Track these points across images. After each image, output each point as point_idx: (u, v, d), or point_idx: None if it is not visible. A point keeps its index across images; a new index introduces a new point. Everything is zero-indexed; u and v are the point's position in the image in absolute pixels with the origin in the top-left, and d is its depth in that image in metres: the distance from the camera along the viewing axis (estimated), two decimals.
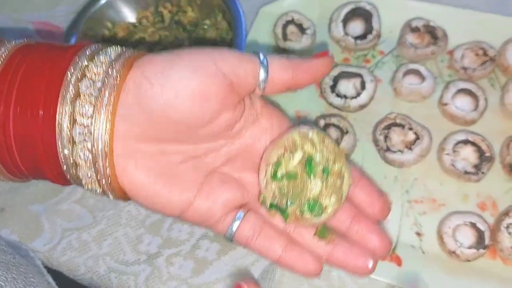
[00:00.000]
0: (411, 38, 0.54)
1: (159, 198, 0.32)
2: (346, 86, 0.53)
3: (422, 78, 0.51)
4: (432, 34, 0.54)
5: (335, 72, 0.53)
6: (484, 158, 0.47)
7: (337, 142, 0.36)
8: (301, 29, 0.57)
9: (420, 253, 0.46)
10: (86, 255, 0.50)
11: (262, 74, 0.32)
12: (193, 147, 0.33)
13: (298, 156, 0.33)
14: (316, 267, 0.34)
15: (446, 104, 0.50)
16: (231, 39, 0.60)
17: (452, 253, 0.44)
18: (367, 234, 0.35)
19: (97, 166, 0.30)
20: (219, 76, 0.31)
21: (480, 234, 0.44)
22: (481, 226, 0.44)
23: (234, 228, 0.34)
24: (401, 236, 0.46)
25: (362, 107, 0.52)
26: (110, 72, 0.30)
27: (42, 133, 0.30)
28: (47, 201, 0.53)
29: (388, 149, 0.49)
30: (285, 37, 0.57)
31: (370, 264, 0.34)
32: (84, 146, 0.30)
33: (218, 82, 0.31)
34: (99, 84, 0.30)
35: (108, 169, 0.31)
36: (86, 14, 0.62)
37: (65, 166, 0.31)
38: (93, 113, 0.29)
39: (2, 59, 0.31)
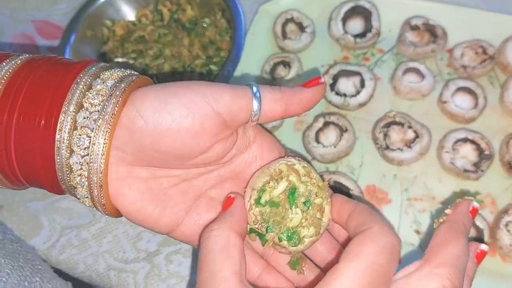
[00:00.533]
0: (410, 36, 0.54)
1: (150, 218, 0.34)
2: (346, 85, 0.53)
3: (422, 76, 0.51)
4: (432, 32, 0.54)
5: (334, 70, 0.53)
6: (483, 156, 0.47)
7: (321, 177, 0.37)
8: (301, 27, 0.57)
9: (419, 251, 0.46)
10: (86, 253, 0.50)
11: (255, 107, 0.33)
12: (184, 172, 0.35)
13: (282, 185, 0.34)
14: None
15: (445, 102, 0.50)
16: (230, 37, 0.60)
17: None
18: None
19: (92, 193, 0.32)
20: (212, 116, 0.32)
21: (479, 232, 0.44)
22: (480, 224, 0.44)
23: None
24: (400, 234, 0.46)
25: (362, 105, 0.52)
26: (106, 106, 0.31)
27: (41, 144, 0.31)
28: (46, 199, 0.53)
29: (387, 147, 0.49)
30: (284, 35, 0.57)
31: None
32: (81, 174, 0.32)
33: (211, 121, 0.32)
34: (95, 116, 0.31)
35: (103, 198, 0.33)
36: (86, 12, 0.62)
37: (63, 185, 0.33)
38: (89, 145, 0.31)
39: (9, 73, 0.32)
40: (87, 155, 0.31)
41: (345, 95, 0.52)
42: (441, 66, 0.54)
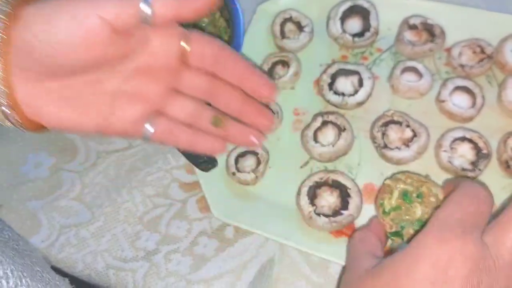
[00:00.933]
0: (409, 35, 0.54)
1: (75, 123, 0.37)
2: (344, 84, 0.53)
3: (420, 75, 0.52)
4: (430, 31, 0.54)
5: (332, 69, 0.53)
6: (481, 155, 0.47)
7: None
8: (299, 26, 0.57)
9: None
10: (84, 252, 0.50)
11: (145, 10, 0.34)
12: (94, 75, 0.36)
13: (395, 193, 0.43)
14: (220, 144, 0.41)
15: (443, 101, 0.50)
16: (229, 36, 0.60)
17: None
18: (255, 116, 0.42)
19: (7, 115, 0.35)
20: (101, 24, 0.33)
21: None
22: None
23: (148, 131, 0.39)
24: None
25: (360, 104, 0.52)
26: None
27: None
28: (45, 198, 0.53)
29: (385, 146, 0.49)
30: (283, 34, 0.57)
31: (255, 140, 0.42)
32: None
33: (101, 32, 0.33)
34: None
35: (19, 118, 0.35)
36: None
37: None
38: None
39: None
40: None
41: (343, 94, 0.52)
42: (439, 65, 0.54)
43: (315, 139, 0.50)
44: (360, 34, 0.55)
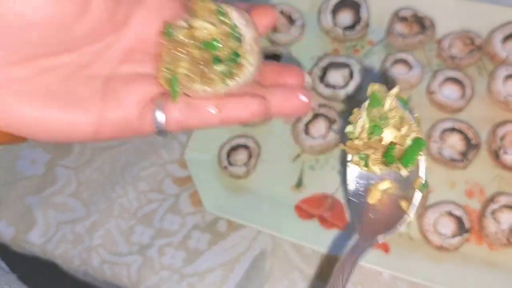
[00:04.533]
0: (399, 27, 0.54)
1: (60, 126, 0.27)
2: (335, 77, 0.53)
3: (410, 67, 0.52)
4: (420, 23, 0.54)
5: (324, 63, 0.54)
6: (470, 146, 0.47)
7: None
8: (290, 20, 0.57)
9: (407, 239, 0.46)
10: (80, 247, 0.51)
11: None
12: (75, 56, 0.28)
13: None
14: (259, 104, 0.30)
15: (433, 93, 0.50)
16: None
17: (440, 248, 0.44)
18: (283, 76, 0.32)
19: None
20: None
21: (458, 220, 0.44)
22: (457, 212, 0.45)
23: (160, 118, 0.29)
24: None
25: (350, 97, 0.52)
26: None
27: None
28: (41, 193, 0.54)
29: None
30: (274, 28, 0.57)
31: (304, 98, 0.31)
32: None
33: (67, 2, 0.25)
34: None
35: None
36: None
37: None
38: None
39: None
40: None
41: (334, 87, 0.53)
42: (430, 57, 0.54)
43: (306, 132, 0.51)
44: (351, 27, 0.55)
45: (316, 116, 0.51)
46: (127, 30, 0.29)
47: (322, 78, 0.53)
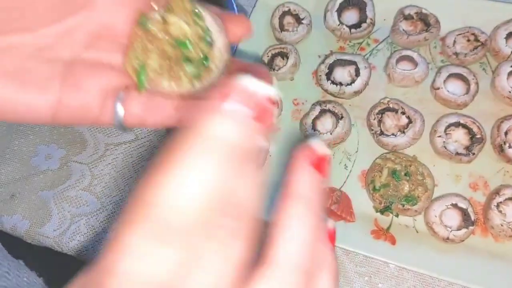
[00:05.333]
0: (404, 25, 0.56)
1: (15, 106, 0.26)
2: (341, 74, 0.54)
3: (415, 63, 0.53)
4: (425, 21, 0.55)
5: (330, 60, 0.55)
6: (475, 140, 0.48)
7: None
8: (298, 19, 0.59)
9: (414, 232, 0.47)
10: (94, 240, 0.52)
11: None
12: (35, 37, 0.27)
13: (385, 172, 0.48)
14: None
15: (438, 89, 0.51)
16: None
17: (446, 239, 0.45)
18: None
19: None
20: None
21: (464, 212, 0.45)
22: (463, 205, 0.46)
23: (120, 112, 0.28)
24: (395, 216, 0.48)
25: (357, 93, 0.53)
26: None
27: None
28: (55, 188, 0.56)
29: (382, 133, 0.50)
30: (282, 27, 0.59)
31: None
32: None
33: None
34: None
35: None
36: None
37: None
38: None
39: None
40: None
41: (340, 83, 0.54)
42: (434, 54, 0.55)
43: (314, 127, 0.52)
44: (357, 26, 0.57)
45: (323, 112, 0.52)
46: (91, 14, 0.28)
47: (328, 75, 0.54)
